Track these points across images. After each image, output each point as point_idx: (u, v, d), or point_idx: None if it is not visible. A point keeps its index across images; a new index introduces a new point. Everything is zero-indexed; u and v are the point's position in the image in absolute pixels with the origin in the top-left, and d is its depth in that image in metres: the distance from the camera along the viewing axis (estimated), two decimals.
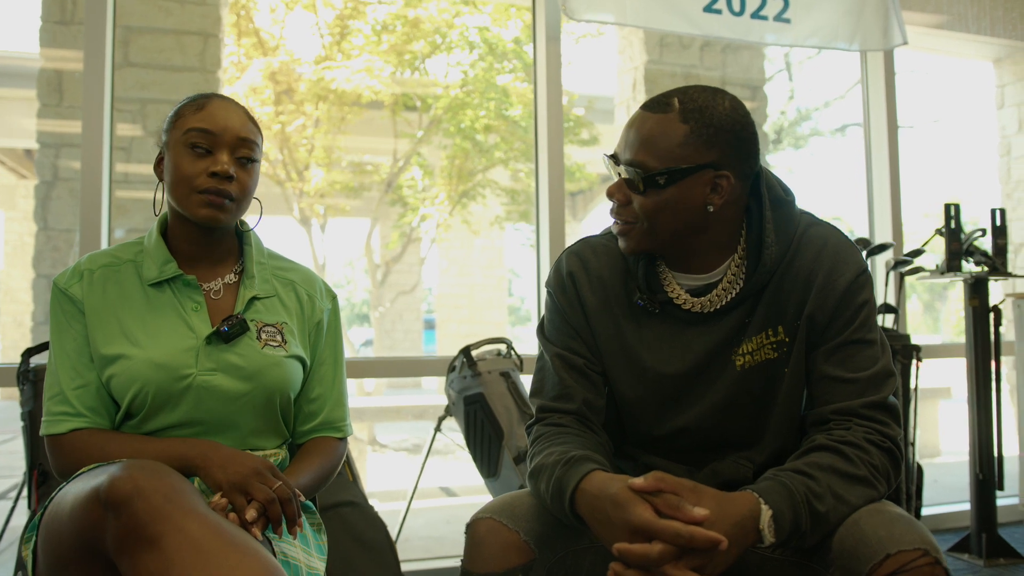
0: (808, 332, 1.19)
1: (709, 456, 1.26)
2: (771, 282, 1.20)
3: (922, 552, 0.97)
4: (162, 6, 3.70)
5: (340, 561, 1.97)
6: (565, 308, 1.29)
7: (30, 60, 3.88)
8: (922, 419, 6.23)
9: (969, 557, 2.97)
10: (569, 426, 1.23)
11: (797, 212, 1.24)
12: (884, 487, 1.11)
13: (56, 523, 1.10)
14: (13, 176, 11.66)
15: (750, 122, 1.17)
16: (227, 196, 1.29)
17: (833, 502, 1.05)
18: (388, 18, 7.77)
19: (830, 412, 1.16)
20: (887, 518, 1.02)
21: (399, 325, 13.70)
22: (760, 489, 1.05)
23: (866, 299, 1.19)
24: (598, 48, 9.12)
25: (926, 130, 20.55)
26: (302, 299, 1.44)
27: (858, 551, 1.00)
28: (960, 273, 2.95)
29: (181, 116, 1.32)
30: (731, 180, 1.15)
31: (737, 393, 1.22)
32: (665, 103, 1.15)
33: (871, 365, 1.16)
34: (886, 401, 1.15)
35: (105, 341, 1.27)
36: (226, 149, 1.30)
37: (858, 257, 1.21)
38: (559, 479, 1.10)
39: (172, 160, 1.30)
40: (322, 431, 1.44)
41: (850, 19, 3.24)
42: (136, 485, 0.99)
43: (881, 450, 1.12)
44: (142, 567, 0.97)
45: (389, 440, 8.04)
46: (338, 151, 8.08)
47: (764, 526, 1.02)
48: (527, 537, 1.11)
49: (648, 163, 1.14)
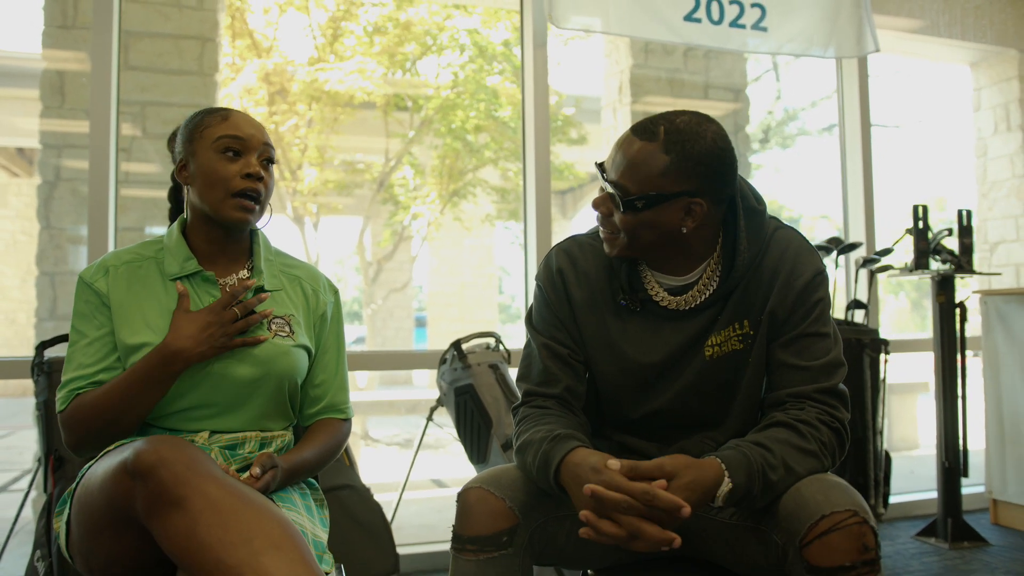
0: (769, 325, 1.33)
1: (678, 435, 1.39)
2: (741, 282, 1.33)
3: (852, 512, 1.11)
4: (161, 11, 3.81)
5: (340, 541, 2.10)
6: (553, 301, 1.41)
7: (31, 61, 3.97)
8: (901, 412, 6.40)
9: (936, 541, 3.12)
10: (552, 409, 1.36)
11: (767, 219, 1.37)
12: (829, 461, 1.24)
13: (88, 495, 1.23)
14: (5, 174, 11.71)
15: (729, 152, 1.28)
16: (256, 198, 1.44)
17: (783, 472, 1.18)
18: (380, 20, 7.88)
19: (786, 395, 1.29)
20: (825, 485, 1.16)
21: (390, 323, 13.80)
22: (725, 458, 1.18)
23: (821, 297, 1.32)
24: (587, 49, 9.23)
25: (911, 130, 20.77)
26: (307, 293, 1.57)
27: (799, 513, 1.14)
28: (927, 271, 3.10)
29: (207, 125, 1.45)
30: (704, 207, 1.27)
31: (705, 380, 1.35)
32: (652, 131, 1.26)
33: (824, 355, 1.30)
34: (836, 387, 1.29)
35: (130, 331, 1.39)
36: (253, 153, 1.44)
37: (816, 260, 1.35)
38: (545, 453, 1.23)
39: (203, 165, 1.42)
40: (327, 413, 1.56)
41: (825, 28, 3.38)
42: (160, 456, 1.12)
43: (830, 429, 1.25)
44: (171, 526, 1.10)
45: (381, 435, 8.16)
46: (331, 150, 8.20)
47: (720, 494, 1.15)
48: (512, 504, 1.24)
49: (629, 187, 1.26)
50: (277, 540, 1.10)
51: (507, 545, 1.22)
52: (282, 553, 1.08)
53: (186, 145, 1.46)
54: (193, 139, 1.45)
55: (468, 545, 1.23)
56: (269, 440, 1.46)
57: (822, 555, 1.10)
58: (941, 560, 2.92)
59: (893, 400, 6.50)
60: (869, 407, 2.88)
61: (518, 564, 1.23)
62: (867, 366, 2.88)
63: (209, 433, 1.40)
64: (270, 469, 1.30)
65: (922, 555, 2.98)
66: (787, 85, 16.15)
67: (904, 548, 3.08)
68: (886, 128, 18.07)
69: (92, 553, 1.24)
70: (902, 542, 3.16)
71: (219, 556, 1.06)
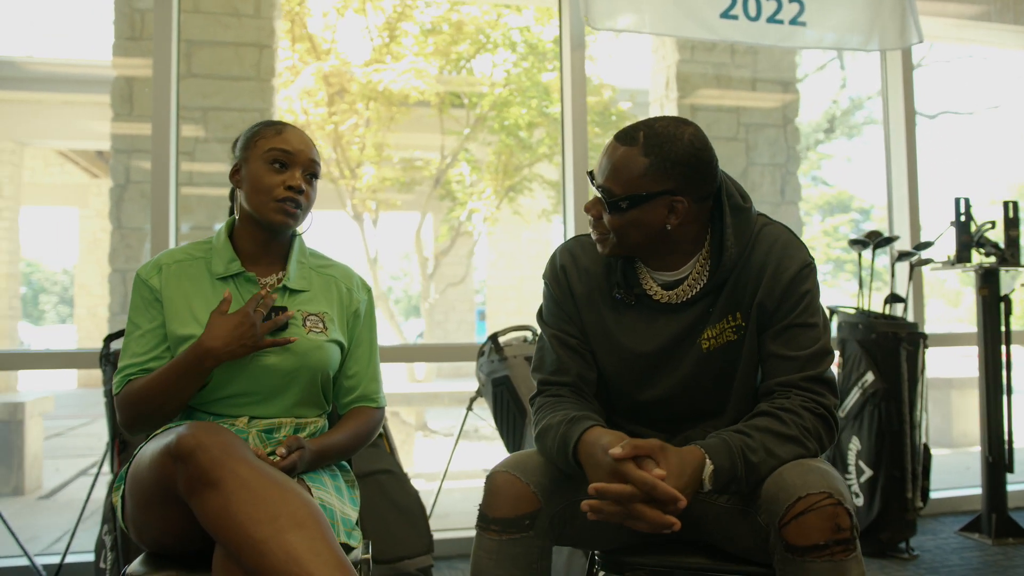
0: (758, 317, 1.40)
1: (683, 426, 1.48)
2: (731, 276, 1.40)
3: (826, 495, 1.17)
4: (221, 21, 4.01)
5: (377, 520, 2.23)
6: (558, 296, 1.51)
7: (102, 68, 4.22)
8: (962, 408, 6.27)
9: (979, 536, 3.10)
10: (566, 396, 1.46)
11: (754, 215, 1.44)
12: (815, 445, 1.31)
13: (138, 474, 1.38)
14: (87, 176, 12.30)
15: (706, 152, 1.36)
16: (298, 206, 1.57)
17: (764, 455, 1.26)
18: (435, 20, 8.03)
19: (774, 384, 1.36)
20: (804, 469, 1.22)
21: (452, 316, 13.99)
22: (705, 445, 1.27)
23: (808, 288, 1.38)
24: (639, 43, 9.23)
25: (985, 117, 20.01)
26: (341, 291, 1.69)
27: (778, 495, 1.21)
28: (970, 264, 3.07)
29: (262, 137, 1.58)
30: (686, 204, 1.35)
31: (703, 371, 1.43)
32: (632, 136, 1.36)
33: (811, 344, 1.36)
34: (823, 375, 1.35)
35: (180, 324, 1.54)
36: (299, 168, 1.57)
37: (803, 253, 1.41)
38: (563, 434, 1.33)
39: (252, 172, 1.56)
40: (360, 402, 1.68)
41: (866, 20, 3.36)
42: (198, 440, 1.26)
43: (815, 415, 1.32)
44: (207, 504, 1.23)
45: (439, 426, 8.35)
46: (388, 148, 8.40)
47: (706, 476, 1.24)
48: (535, 489, 1.34)
49: (613, 190, 1.35)
50: (301, 519, 1.22)
51: (529, 528, 1.32)
52: (304, 531, 1.21)
53: (242, 152, 1.60)
54: (248, 147, 1.59)
55: (492, 525, 1.33)
56: (303, 426, 1.58)
57: (798, 535, 1.17)
58: (983, 556, 2.91)
59: (954, 395, 6.37)
60: (906, 401, 2.87)
61: (538, 546, 1.33)
62: (904, 359, 2.88)
63: (248, 418, 1.54)
64: (296, 450, 1.43)
65: (963, 550, 2.97)
66: (852, 73, 15.79)
67: (946, 543, 3.06)
68: (957, 115, 17.48)
69: (144, 526, 1.39)
70: (944, 537, 3.15)
71: (248, 532, 1.19)
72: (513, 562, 1.31)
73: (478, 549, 1.35)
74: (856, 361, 2.95)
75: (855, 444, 2.93)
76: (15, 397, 5.38)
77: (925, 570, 2.75)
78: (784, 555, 1.19)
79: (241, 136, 1.64)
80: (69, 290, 22.43)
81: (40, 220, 21.08)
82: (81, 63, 8.30)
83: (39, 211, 16.51)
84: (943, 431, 6.43)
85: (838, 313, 3.10)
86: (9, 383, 8.50)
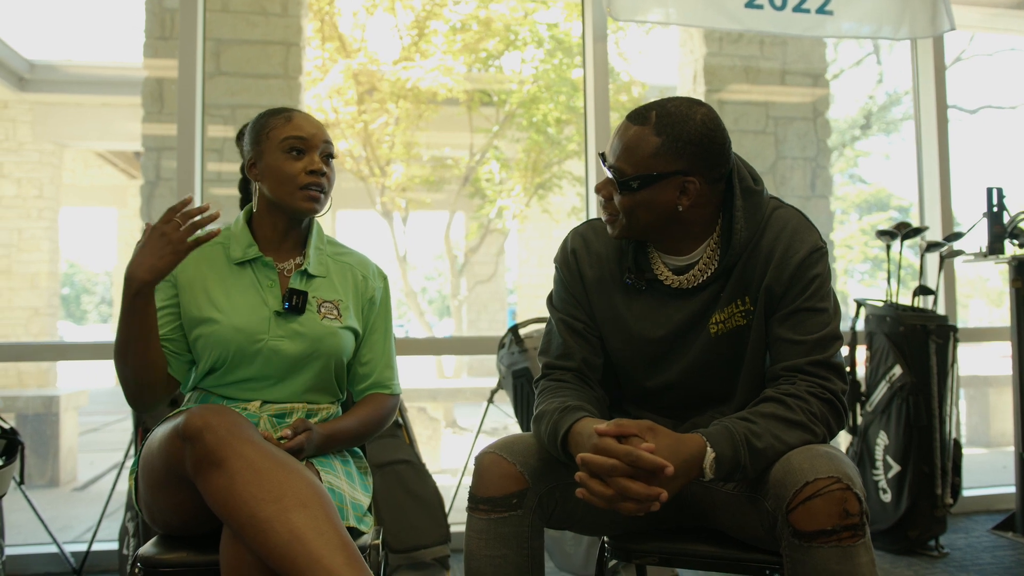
0: (766, 301, 1.37)
1: (691, 412, 1.46)
2: (740, 260, 1.38)
3: (835, 479, 1.14)
4: (249, 20, 4.06)
5: (394, 509, 2.24)
6: (568, 280, 1.50)
7: (135, 70, 4.30)
8: (997, 406, 6.13)
9: (1013, 535, 3.03)
10: (570, 382, 1.45)
11: (766, 198, 1.41)
12: (822, 430, 1.28)
13: (150, 456, 1.40)
14: (125, 177, 12.53)
15: (719, 132, 1.34)
16: (322, 189, 1.59)
17: (771, 440, 1.23)
18: (465, 18, 8.04)
19: (781, 369, 1.34)
20: (813, 454, 1.20)
21: (484, 315, 14.00)
22: (707, 432, 1.24)
23: (818, 273, 1.35)
24: (668, 38, 9.16)
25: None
26: (357, 279, 1.70)
27: (785, 480, 1.18)
28: (1003, 256, 3.00)
29: (273, 127, 1.59)
30: (698, 184, 1.33)
31: (711, 356, 1.41)
32: (644, 116, 1.34)
33: (820, 329, 1.33)
34: (830, 360, 1.32)
35: (196, 307, 1.55)
36: (316, 151, 1.59)
37: (814, 236, 1.38)
38: (555, 423, 1.32)
39: (272, 164, 1.57)
40: (374, 389, 1.69)
41: (895, 7, 3.30)
42: (205, 422, 1.27)
43: (821, 400, 1.29)
44: (213, 484, 1.24)
45: (469, 423, 8.37)
46: (417, 147, 8.43)
47: (707, 465, 1.21)
48: (523, 469, 1.33)
49: (625, 169, 1.34)
50: (305, 499, 1.23)
51: (517, 507, 1.31)
52: (308, 510, 1.22)
53: (254, 146, 1.61)
54: (260, 140, 1.59)
55: (481, 505, 1.33)
56: (315, 412, 1.59)
57: (805, 520, 1.14)
58: (1015, 554, 2.83)
59: (992, 394, 6.23)
60: (935, 395, 2.81)
61: (527, 525, 1.32)
62: (933, 352, 2.82)
63: (261, 403, 1.55)
64: (303, 432, 1.44)
65: (995, 549, 2.89)
66: (889, 68, 15.52)
67: (978, 541, 2.99)
68: (1000, 109, 17.09)
69: (155, 506, 1.42)
70: (977, 535, 3.08)
71: (252, 511, 1.21)
72: (503, 541, 1.30)
73: (468, 530, 1.35)
74: (884, 354, 2.90)
75: (883, 439, 2.87)
76: (50, 391, 5.50)
77: (955, 568, 2.69)
78: (791, 541, 1.16)
79: (248, 130, 1.65)
80: (110, 290, 22.88)
81: (81, 221, 21.53)
82: (119, 65, 8.46)
83: (80, 212, 16.85)
84: (980, 430, 6.29)
85: (866, 306, 3.04)
86: (49, 379, 8.69)
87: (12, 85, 8.27)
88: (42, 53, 13.94)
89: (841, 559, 1.13)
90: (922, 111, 3.58)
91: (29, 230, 9.28)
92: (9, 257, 9.22)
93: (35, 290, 9.25)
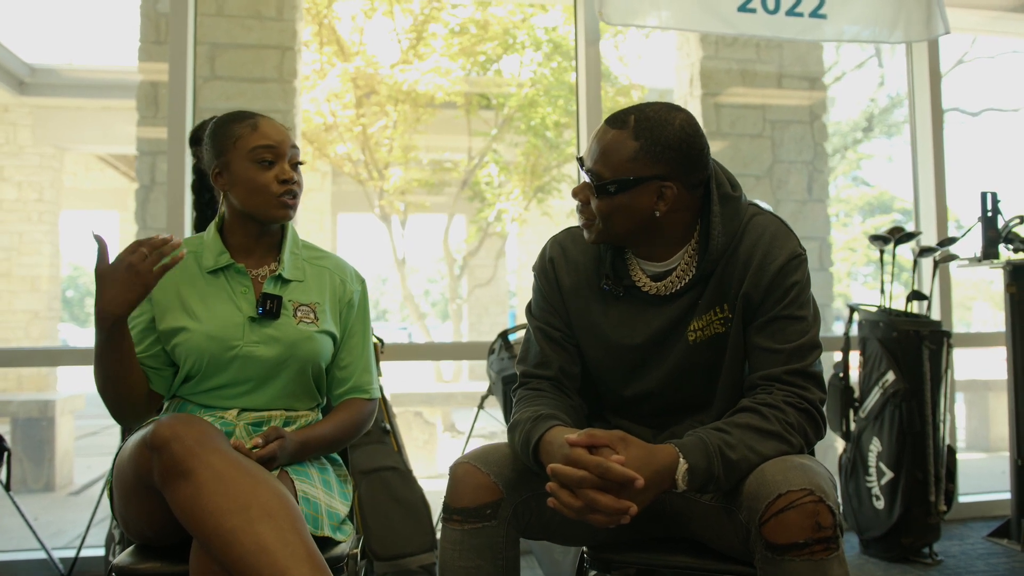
0: (744, 308, 1.35)
1: (669, 420, 1.44)
2: (718, 267, 1.37)
3: (807, 492, 1.13)
4: (244, 24, 4.06)
5: (380, 517, 2.23)
6: (545, 288, 1.49)
7: (134, 74, 4.31)
8: (996, 411, 6.10)
9: (1008, 542, 3.01)
10: (546, 391, 1.44)
11: (744, 204, 1.40)
12: (799, 440, 1.26)
13: (121, 465, 1.39)
14: (125, 180, 12.55)
15: (698, 138, 1.32)
16: (295, 196, 1.58)
17: (745, 452, 1.22)
18: (464, 22, 8.04)
19: (758, 378, 1.32)
20: (787, 466, 1.18)
21: (485, 318, 13.98)
22: (680, 443, 1.22)
23: (796, 280, 1.34)
24: (666, 42, 9.15)
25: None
26: (334, 283, 1.69)
27: (759, 492, 1.17)
28: (997, 261, 2.98)
29: (239, 137, 1.57)
30: (675, 190, 1.31)
31: (690, 363, 1.39)
32: (623, 120, 1.32)
33: (798, 338, 1.31)
34: (808, 369, 1.31)
35: (171, 317, 1.54)
36: (284, 159, 1.58)
37: (792, 244, 1.36)
38: (527, 432, 1.31)
39: (241, 174, 1.56)
40: (352, 393, 1.67)
41: (890, 11, 3.28)
42: (173, 432, 1.26)
43: (798, 410, 1.27)
44: (179, 494, 1.23)
45: (468, 428, 8.34)
46: (416, 150, 8.43)
47: (679, 476, 1.19)
48: (497, 480, 1.32)
49: (602, 173, 1.32)
50: (271, 509, 1.22)
51: (491, 517, 1.30)
52: (275, 521, 1.21)
53: (219, 155, 1.58)
54: (226, 149, 1.57)
55: (455, 515, 1.31)
56: (294, 419, 1.58)
57: (778, 532, 1.13)
58: (1010, 562, 2.81)
59: (991, 398, 6.20)
60: (929, 401, 2.79)
61: (502, 536, 1.31)
62: (926, 358, 2.80)
63: (238, 411, 1.54)
64: (275, 440, 1.42)
65: (990, 556, 2.87)
66: (891, 71, 15.48)
67: (972, 548, 2.97)
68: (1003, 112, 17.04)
69: (128, 516, 1.41)
70: (971, 542, 3.05)
71: (218, 521, 1.19)
72: (477, 552, 1.29)
73: (443, 540, 1.33)
74: (877, 360, 2.88)
75: (876, 445, 2.85)
76: (46, 395, 5.50)
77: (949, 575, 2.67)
78: (764, 554, 1.15)
79: (209, 136, 1.62)
80: None
81: (83, 224, 21.55)
82: (119, 69, 8.47)
83: (81, 215, 16.87)
84: (979, 435, 6.26)
85: (859, 311, 3.02)
86: (48, 382, 8.69)
87: (12, 89, 8.29)
88: (42, 57, 13.95)
89: (813, 572, 1.11)
90: (917, 115, 3.56)
91: (30, 233, 9.28)
92: (9, 260, 9.22)
93: (36, 293, 9.25)
